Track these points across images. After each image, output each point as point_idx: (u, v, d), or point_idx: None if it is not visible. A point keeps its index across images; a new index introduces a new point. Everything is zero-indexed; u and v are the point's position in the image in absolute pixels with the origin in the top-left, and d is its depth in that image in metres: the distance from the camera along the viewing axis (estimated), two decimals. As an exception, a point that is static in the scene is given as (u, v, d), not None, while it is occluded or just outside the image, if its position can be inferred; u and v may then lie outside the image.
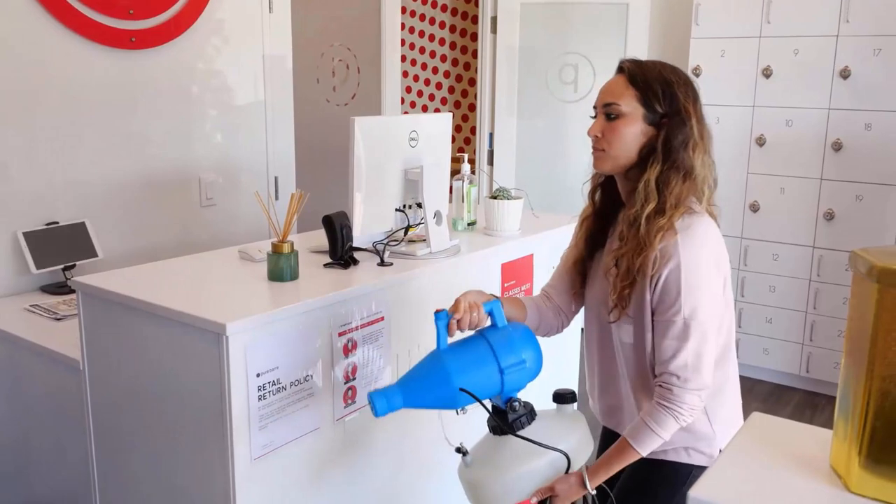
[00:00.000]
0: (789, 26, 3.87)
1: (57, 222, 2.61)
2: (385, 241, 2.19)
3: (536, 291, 2.65)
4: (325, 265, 2.09)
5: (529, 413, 1.58)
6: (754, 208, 4.09)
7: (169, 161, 2.92)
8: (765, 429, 1.01)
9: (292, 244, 1.95)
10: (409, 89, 6.28)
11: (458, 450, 1.60)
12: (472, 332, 1.63)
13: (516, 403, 1.57)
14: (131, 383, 1.88)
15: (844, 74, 3.76)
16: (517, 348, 1.56)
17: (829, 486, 0.90)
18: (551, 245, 2.71)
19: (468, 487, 1.59)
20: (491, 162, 4.90)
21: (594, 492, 1.54)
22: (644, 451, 1.53)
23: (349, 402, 1.97)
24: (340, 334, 1.91)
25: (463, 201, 2.62)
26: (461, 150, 6.11)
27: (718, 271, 1.55)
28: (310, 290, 1.88)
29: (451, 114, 2.51)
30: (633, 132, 1.57)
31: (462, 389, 1.49)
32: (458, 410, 1.56)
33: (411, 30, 6.18)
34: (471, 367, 1.53)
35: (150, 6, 2.77)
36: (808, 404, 3.96)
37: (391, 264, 2.13)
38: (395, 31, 4.09)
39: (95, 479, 2.06)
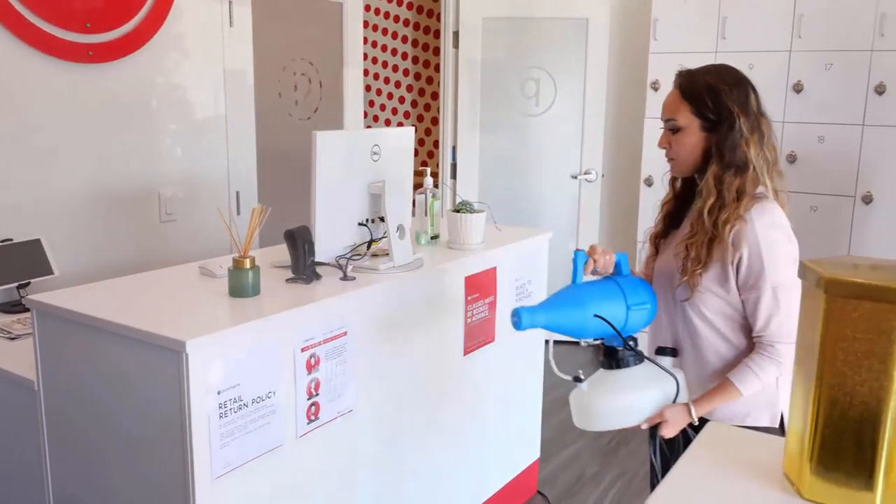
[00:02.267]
0: (744, 42, 3.96)
1: (11, 239, 2.55)
2: (348, 256, 2.18)
3: (500, 306, 2.67)
4: (288, 280, 2.08)
5: (640, 354, 1.76)
6: (713, 220, 4.16)
7: (128, 176, 2.88)
8: (720, 437, 1.02)
9: (254, 259, 1.94)
10: (371, 103, 6.28)
11: (576, 378, 1.82)
12: (598, 277, 1.83)
13: (632, 342, 1.75)
14: (88, 403, 1.84)
15: (797, 88, 3.86)
16: (641, 291, 1.77)
17: (783, 492, 0.92)
18: (514, 258, 2.73)
19: (580, 410, 1.81)
20: (454, 175, 4.92)
21: (696, 421, 1.71)
22: (744, 389, 1.71)
23: (312, 418, 1.95)
24: (303, 350, 1.90)
25: (426, 215, 2.63)
26: (424, 163, 6.12)
27: (791, 244, 1.76)
28: (272, 306, 1.86)
29: (413, 128, 2.52)
30: (693, 141, 1.78)
31: (597, 315, 1.69)
32: (583, 342, 1.80)
33: (374, 44, 6.19)
34: (603, 300, 1.72)
35: (107, 20, 2.74)
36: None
37: (354, 279, 2.12)
38: (357, 44, 4.09)
39: (51, 501, 2.01)
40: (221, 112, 3.22)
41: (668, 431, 1.73)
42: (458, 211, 2.56)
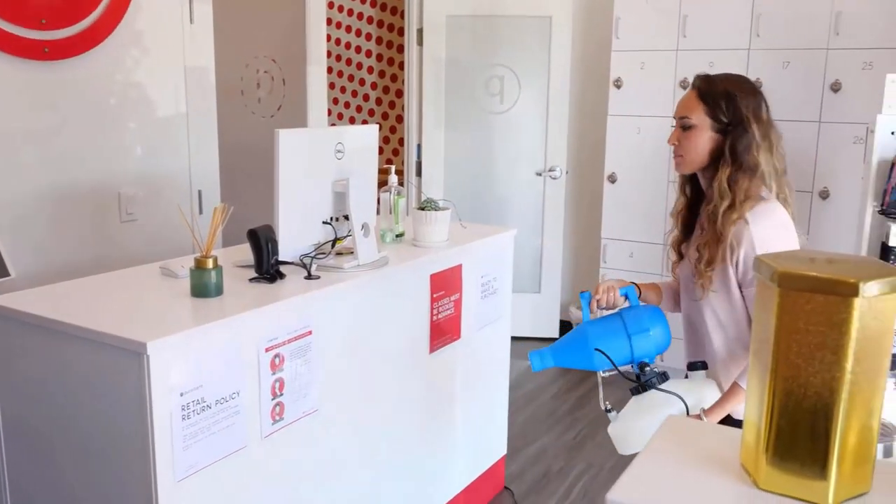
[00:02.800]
0: (704, 40, 4.02)
1: (-35, 241, 2.49)
2: (312, 255, 2.17)
3: (465, 302, 2.68)
4: (251, 280, 2.06)
5: (661, 375, 1.86)
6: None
7: (86, 175, 2.83)
8: (679, 430, 1.04)
9: (216, 259, 1.92)
10: (336, 101, 6.25)
11: (606, 409, 1.93)
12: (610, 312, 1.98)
13: (647, 368, 1.87)
14: (47, 408, 1.81)
15: (756, 86, 3.92)
16: (644, 320, 1.89)
17: (740, 483, 0.94)
18: (479, 255, 2.74)
19: (615, 439, 1.90)
20: (419, 173, 4.92)
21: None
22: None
23: (277, 418, 1.94)
24: (267, 350, 1.89)
25: (391, 213, 2.63)
26: (389, 161, 6.11)
27: (790, 244, 1.83)
28: (235, 306, 1.85)
29: (377, 125, 2.51)
30: (703, 140, 1.88)
31: (597, 349, 1.86)
32: (601, 372, 1.94)
33: (337, 41, 6.16)
34: (605, 333, 1.89)
35: (63, 16, 2.68)
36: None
37: (318, 277, 2.11)
38: (321, 42, 4.07)
39: (10, 508, 1.97)
40: (182, 110, 3.18)
41: None
42: (423, 209, 2.56)
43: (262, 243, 2.04)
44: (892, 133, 2.67)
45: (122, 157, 2.95)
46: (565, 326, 4.94)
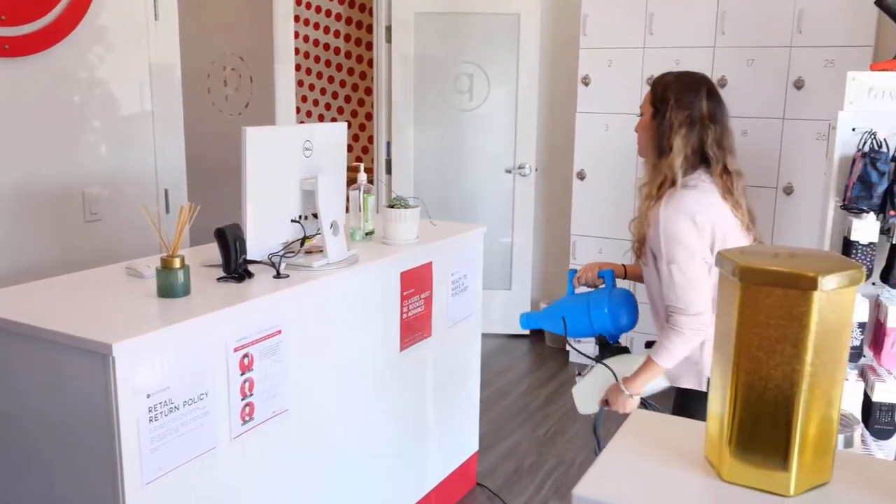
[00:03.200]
0: (670, 38, 4.06)
1: (-76, 242, 2.44)
2: (281, 253, 2.16)
3: (436, 300, 2.68)
4: (219, 279, 2.05)
5: (619, 349, 2.14)
6: (643, 212, 4.26)
7: (49, 175, 2.78)
8: (646, 425, 1.05)
9: (183, 259, 1.90)
10: (304, 98, 6.21)
11: (577, 373, 2.22)
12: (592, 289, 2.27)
13: (614, 343, 2.17)
14: (8, 413, 1.77)
15: (722, 83, 3.98)
16: (605, 299, 2.14)
17: (704, 475, 0.95)
18: (449, 252, 2.74)
19: (575, 400, 2.20)
20: (389, 171, 4.91)
21: (628, 392, 2.04)
22: (661, 361, 1.99)
23: (247, 418, 1.93)
24: (236, 350, 1.87)
25: (360, 211, 2.62)
26: (359, 159, 6.10)
27: (698, 228, 1.95)
28: (202, 306, 1.83)
29: (346, 123, 2.50)
30: (644, 125, 2.11)
31: (562, 318, 2.17)
32: (571, 340, 2.46)
33: (305, 39, 6.12)
34: (573, 306, 2.19)
35: (23, 12, 2.63)
36: (698, 397, 4.14)
37: (287, 276, 2.10)
38: (289, 39, 4.04)
39: (-27, 514, 1.93)
40: (148, 108, 3.14)
41: (615, 408, 2.07)
42: (392, 206, 2.56)
43: (230, 242, 2.02)
44: (853, 129, 2.72)
45: (86, 155, 2.90)
46: (536, 323, 4.97)
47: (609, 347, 2.18)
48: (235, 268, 2.03)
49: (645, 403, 2.10)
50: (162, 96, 3.20)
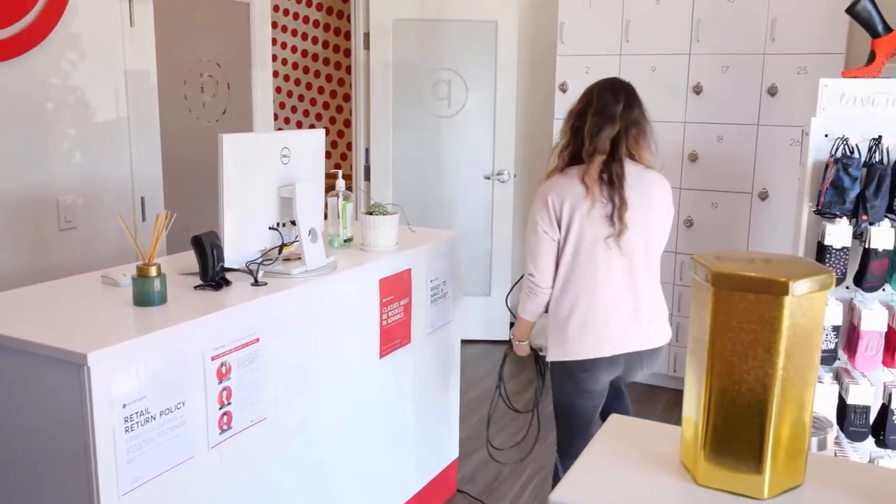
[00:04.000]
0: (647, 45, 4.10)
1: None
2: (259, 261, 2.15)
3: (415, 306, 2.68)
4: (196, 287, 2.03)
5: None
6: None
7: (23, 183, 2.75)
8: (622, 430, 1.06)
9: (159, 267, 1.88)
10: (282, 105, 6.19)
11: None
12: None
13: None
14: (-18, 422, 1.75)
15: (697, 90, 4.02)
16: None
17: (679, 479, 0.96)
18: (429, 259, 2.74)
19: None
20: (367, 178, 4.91)
21: (516, 339, 2.57)
22: (521, 313, 2.50)
23: (225, 427, 1.91)
24: (213, 358, 1.86)
25: (339, 218, 2.61)
26: (337, 166, 6.08)
27: (548, 210, 2.34)
28: (179, 315, 1.82)
29: (323, 130, 2.50)
30: None
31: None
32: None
33: (283, 45, 6.11)
34: None
35: (-4, 19, 2.60)
36: (677, 403, 4.17)
37: (265, 284, 2.09)
38: (266, 46, 4.03)
39: (-56, 528, 1.90)
40: (123, 115, 3.11)
41: (515, 351, 2.61)
42: (371, 213, 2.55)
43: (207, 250, 2.01)
44: (826, 135, 2.76)
45: (60, 163, 2.88)
46: (515, 328, 4.98)
47: None
48: (213, 276, 2.02)
49: (535, 351, 2.60)
50: (138, 103, 3.18)
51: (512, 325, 2.56)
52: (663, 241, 2.44)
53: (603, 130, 2.30)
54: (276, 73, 6.07)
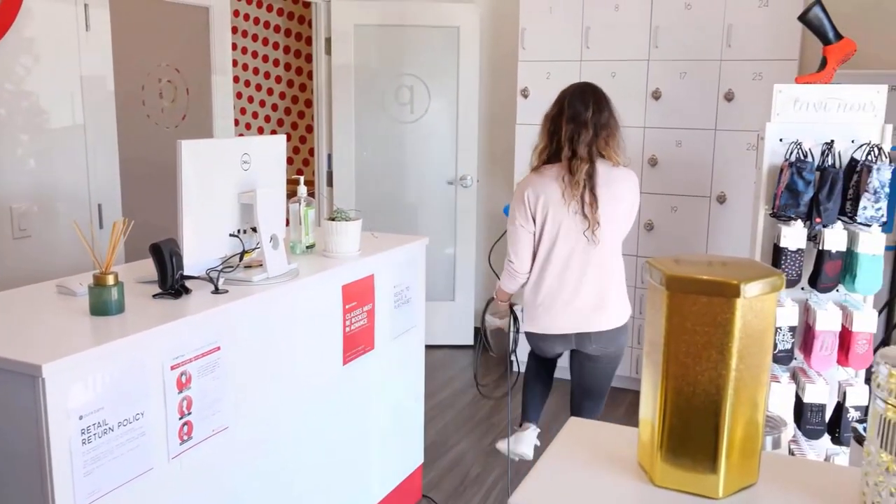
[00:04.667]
0: (607, 51, 4.15)
1: None
2: (219, 268, 2.12)
3: (379, 312, 2.68)
4: (155, 296, 2.00)
5: None
6: (583, 221, 4.33)
7: (-25, 190, 2.68)
8: (580, 432, 1.07)
9: (116, 275, 1.86)
10: (243, 111, 6.14)
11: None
12: None
13: None
14: (-68, 437, 1.70)
15: (656, 95, 4.08)
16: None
17: (637, 480, 0.97)
18: (392, 265, 2.74)
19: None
20: (330, 183, 4.89)
21: (497, 299, 2.93)
22: (501, 284, 2.83)
23: (185, 438, 1.89)
24: (173, 367, 1.83)
25: (301, 224, 2.60)
26: (300, 171, 6.05)
27: (524, 206, 2.62)
28: (137, 324, 1.79)
29: (285, 135, 2.48)
30: None
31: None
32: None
33: (244, 50, 6.06)
34: None
35: (-54, 23, 2.54)
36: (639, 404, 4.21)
37: (226, 291, 2.07)
38: (226, 51, 3.99)
39: None
40: (79, 121, 3.06)
41: (495, 310, 2.99)
42: (333, 219, 2.54)
43: (166, 258, 1.98)
44: (780, 140, 2.82)
45: (13, 170, 2.82)
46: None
47: None
48: (172, 284, 1.99)
49: (511, 305, 2.93)
50: (94, 109, 3.13)
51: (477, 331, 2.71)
52: (628, 228, 2.72)
53: (576, 135, 2.57)
54: (236, 79, 6.02)
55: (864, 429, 0.87)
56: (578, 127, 2.57)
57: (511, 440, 2.97)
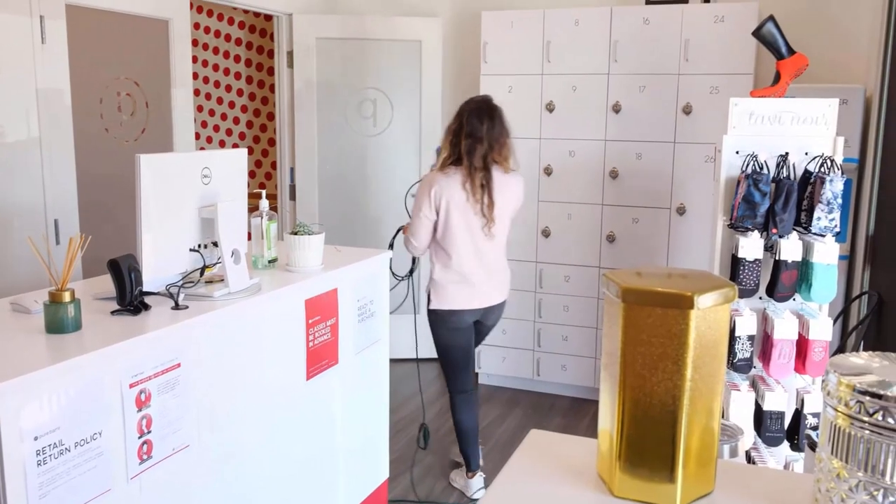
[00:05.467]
0: (567, 65, 4.21)
1: None
2: (179, 284, 2.10)
3: (342, 326, 2.66)
4: (113, 313, 1.97)
5: None
6: (546, 234, 4.37)
7: (-75, 206, 2.62)
8: (541, 444, 1.08)
9: (73, 292, 1.82)
10: (204, 124, 6.09)
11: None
12: None
13: None
14: None
15: (616, 109, 4.14)
16: None
17: (596, 492, 0.98)
18: (355, 278, 2.73)
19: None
20: (293, 197, 4.86)
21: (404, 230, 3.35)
22: (406, 243, 3.26)
23: (145, 457, 1.86)
24: (132, 386, 1.80)
25: (263, 238, 2.58)
26: (262, 185, 6.01)
27: (429, 200, 3.10)
28: (94, 341, 1.76)
29: (246, 149, 2.47)
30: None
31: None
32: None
33: (205, 63, 6.01)
34: None
35: None
36: (604, 413, 4.24)
37: (187, 307, 2.04)
38: (186, 64, 3.95)
39: None
40: (35, 134, 3.01)
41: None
42: (296, 233, 2.53)
43: (125, 273, 1.95)
44: (737, 152, 2.88)
45: (-34, 185, 2.75)
46: (445, 345, 4.99)
47: None
48: (130, 300, 1.97)
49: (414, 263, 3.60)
50: (50, 123, 3.08)
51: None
52: (509, 222, 3.28)
53: (474, 149, 3.07)
54: (197, 92, 5.97)
55: (818, 435, 0.90)
56: (476, 142, 3.06)
57: (464, 486, 3.37)
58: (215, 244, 2.21)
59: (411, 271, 3.64)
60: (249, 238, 2.50)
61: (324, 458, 2.67)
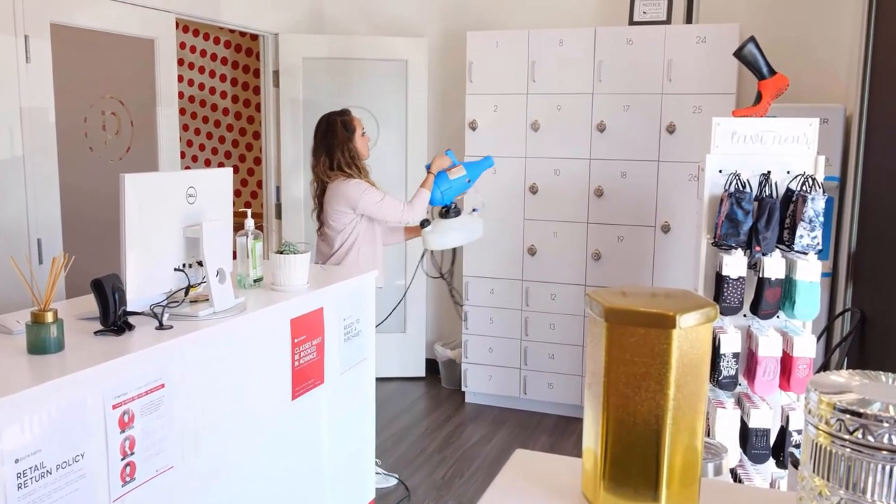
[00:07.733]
0: (552, 85, 4.24)
1: None
2: (164, 303, 2.09)
3: (328, 345, 2.66)
4: (96, 333, 1.96)
5: (455, 209, 3.56)
6: (531, 252, 4.38)
7: None
8: (526, 464, 1.08)
9: (56, 312, 1.81)
10: (189, 143, 6.08)
11: (423, 223, 3.52)
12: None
13: (452, 205, 3.54)
14: None
15: (601, 128, 4.18)
16: (443, 178, 3.52)
17: (581, 511, 0.98)
18: (341, 297, 2.73)
19: (425, 241, 3.56)
20: (279, 216, 4.85)
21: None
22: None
23: (128, 479, 1.84)
24: (115, 407, 1.79)
25: (248, 257, 2.57)
26: (248, 204, 6.00)
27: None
28: (77, 362, 1.74)
29: (232, 168, 2.47)
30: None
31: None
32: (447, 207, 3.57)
33: (190, 82, 6.02)
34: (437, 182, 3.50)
35: None
36: (590, 431, 4.23)
37: (171, 327, 2.03)
38: (172, 83, 3.96)
39: None
40: (18, 153, 2.99)
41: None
42: (281, 252, 2.53)
43: (108, 293, 1.94)
44: (720, 171, 2.91)
45: (-52, 205, 2.73)
46: (431, 365, 4.98)
47: (447, 210, 3.54)
48: (114, 320, 1.95)
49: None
50: (35, 141, 3.07)
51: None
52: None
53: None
54: (182, 111, 5.96)
55: (801, 453, 0.90)
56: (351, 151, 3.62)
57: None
58: (200, 263, 2.20)
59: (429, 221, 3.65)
60: (235, 257, 2.50)
61: (309, 479, 2.65)
